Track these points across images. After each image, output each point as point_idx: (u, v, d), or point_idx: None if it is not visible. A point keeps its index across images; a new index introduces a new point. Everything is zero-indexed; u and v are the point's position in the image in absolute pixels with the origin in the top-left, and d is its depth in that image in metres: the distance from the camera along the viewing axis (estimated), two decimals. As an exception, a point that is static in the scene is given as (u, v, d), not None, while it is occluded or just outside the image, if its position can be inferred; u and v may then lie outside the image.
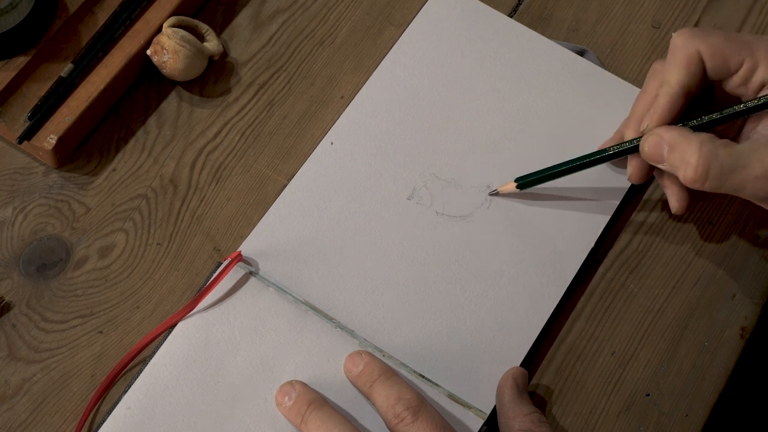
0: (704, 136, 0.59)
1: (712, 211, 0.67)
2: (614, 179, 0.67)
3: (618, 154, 0.63)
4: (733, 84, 0.61)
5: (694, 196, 0.63)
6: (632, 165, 0.64)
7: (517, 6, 0.73)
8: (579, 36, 0.72)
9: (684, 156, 0.59)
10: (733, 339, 0.64)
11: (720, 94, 0.63)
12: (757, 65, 0.60)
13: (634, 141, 0.62)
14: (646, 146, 0.61)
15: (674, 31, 0.62)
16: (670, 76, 0.61)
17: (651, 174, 0.64)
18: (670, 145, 0.60)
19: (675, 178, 0.61)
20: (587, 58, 0.71)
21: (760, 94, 0.60)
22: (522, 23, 0.71)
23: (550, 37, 0.71)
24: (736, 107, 0.61)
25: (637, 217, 0.67)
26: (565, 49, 0.70)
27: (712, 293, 0.65)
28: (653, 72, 0.64)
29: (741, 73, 0.60)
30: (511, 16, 0.72)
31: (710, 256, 0.66)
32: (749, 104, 0.60)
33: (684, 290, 0.65)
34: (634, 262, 0.65)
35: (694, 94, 0.61)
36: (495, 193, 0.66)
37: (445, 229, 0.65)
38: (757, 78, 0.60)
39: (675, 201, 0.63)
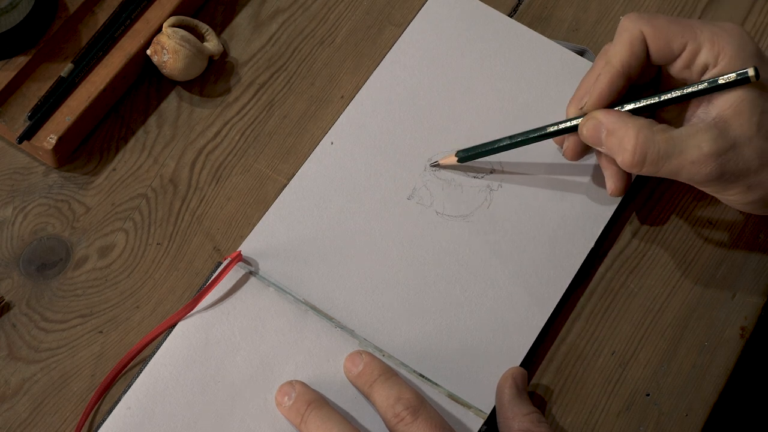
0: (642, 121, 0.59)
1: (712, 211, 0.67)
2: (614, 179, 0.67)
3: (557, 132, 0.63)
4: (677, 68, 0.61)
5: (633, 179, 0.64)
6: (568, 141, 0.64)
7: (517, 6, 0.73)
8: (579, 36, 0.72)
9: (621, 141, 0.59)
10: (733, 339, 0.64)
11: (666, 79, 0.63)
12: (700, 49, 0.60)
13: (574, 121, 0.63)
14: (585, 130, 0.61)
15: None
16: (613, 55, 0.61)
17: (586, 153, 0.64)
18: (609, 129, 0.60)
19: (613, 160, 0.62)
20: (587, 58, 0.71)
21: (703, 78, 0.60)
22: (522, 23, 0.71)
23: (550, 37, 0.71)
24: (674, 92, 0.61)
25: (638, 216, 0.67)
26: (565, 49, 0.70)
27: (712, 293, 0.65)
28: (602, 53, 0.64)
29: (684, 56, 0.60)
30: (511, 16, 0.72)
31: (710, 256, 0.66)
32: (686, 90, 0.60)
33: (684, 290, 0.65)
34: (634, 262, 0.65)
35: (636, 75, 0.61)
36: (436, 165, 0.66)
37: (445, 229, 0.65)
38: (700, 61, 0.60)
39: (612, 183, 0.63)
